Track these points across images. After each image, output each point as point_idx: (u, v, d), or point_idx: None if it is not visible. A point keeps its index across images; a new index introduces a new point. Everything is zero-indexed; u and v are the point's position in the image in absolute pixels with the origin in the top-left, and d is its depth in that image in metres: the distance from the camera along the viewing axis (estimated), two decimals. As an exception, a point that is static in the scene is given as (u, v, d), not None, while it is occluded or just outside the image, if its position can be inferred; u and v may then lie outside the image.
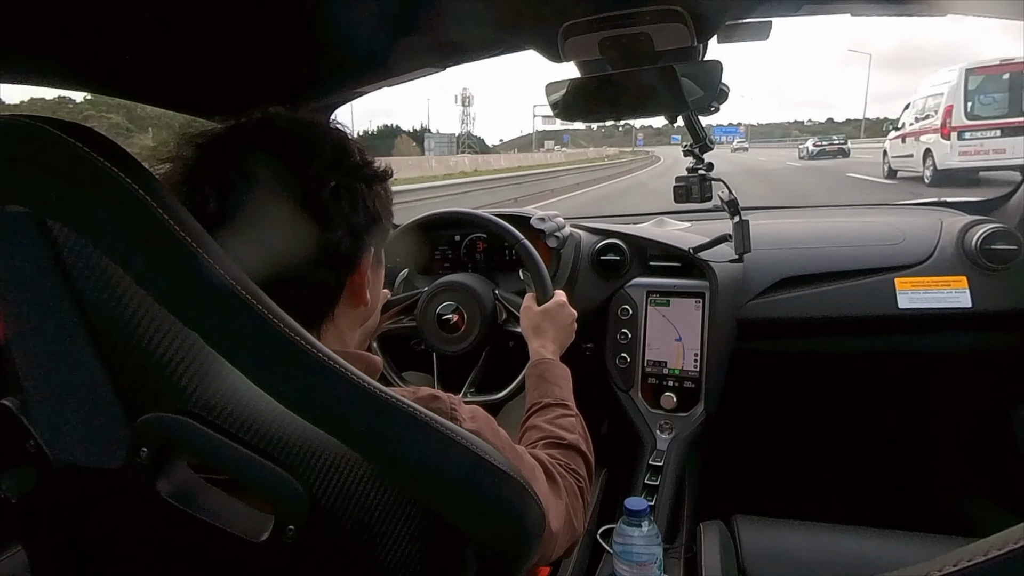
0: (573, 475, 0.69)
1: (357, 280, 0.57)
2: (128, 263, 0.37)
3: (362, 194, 0.56)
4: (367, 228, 0.56)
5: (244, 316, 0.37)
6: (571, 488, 0.66)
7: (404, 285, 1.34)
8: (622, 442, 1.31)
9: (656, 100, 0.99)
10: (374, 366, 0.59)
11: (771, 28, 0.92)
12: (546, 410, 0.81)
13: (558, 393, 0.84)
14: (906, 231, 1.34)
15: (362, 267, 0.57)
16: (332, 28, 0.81)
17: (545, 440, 0.74)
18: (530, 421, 0.79)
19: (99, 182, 0.36)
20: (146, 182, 0.37)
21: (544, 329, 0.98)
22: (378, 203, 0.58)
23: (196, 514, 0.40)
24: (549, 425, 0.77)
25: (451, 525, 0.44)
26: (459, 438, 0.44)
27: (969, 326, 1.25)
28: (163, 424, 0.39)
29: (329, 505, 0.40)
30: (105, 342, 0.38)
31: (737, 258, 1.24)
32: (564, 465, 0.69)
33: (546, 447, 0.73)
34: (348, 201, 0.54)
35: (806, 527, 0.94)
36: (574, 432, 0.77)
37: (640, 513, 0.84)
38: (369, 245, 0.58)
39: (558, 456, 0.71)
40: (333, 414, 0.40)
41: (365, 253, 0.57)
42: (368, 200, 0.56)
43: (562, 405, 0.82)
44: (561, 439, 0.74)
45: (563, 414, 0.80)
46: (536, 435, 0.75)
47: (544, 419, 0.78)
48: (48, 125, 0.36)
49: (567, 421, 0.79)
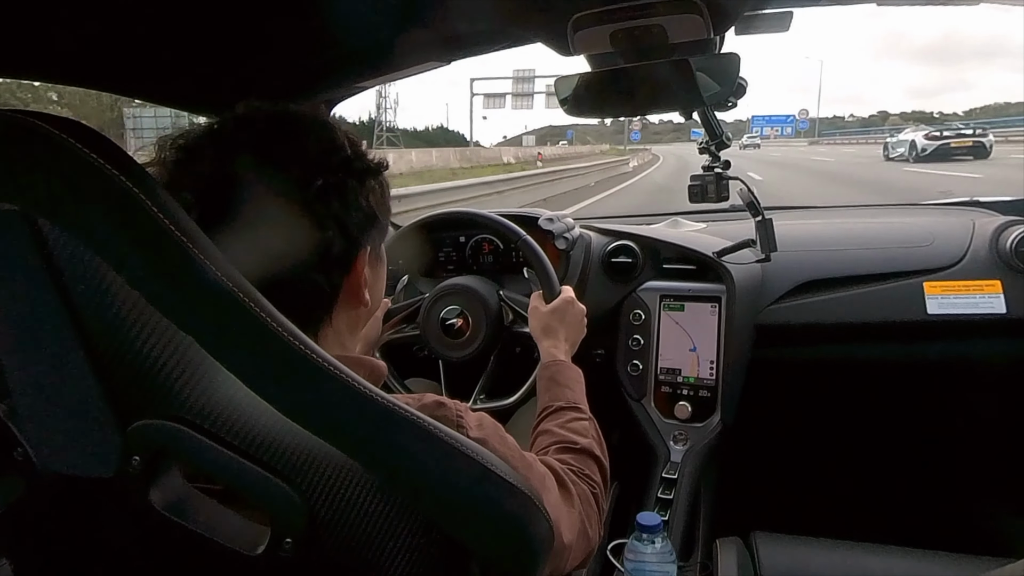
0: (587, 481, 0.69)
1: (353, 281, 0.57)
2: (121, 264, 0.37)
3: (354, 191, 0.55)
4: (361, 226, 0.56)
5: (241, 319, 0.37)
6: (585, 495, 0.66)
7: (406, 291, 1.35)
8: (634, 454, 1.31)
9: (670, 95, 0.99)
10: (377, 371, 0.58)
11: (792, 19, 0.91)
12: (558, 414, 0.81)
13: (570, 396, 0.84)
14: (936, 232, 1.33)
15: (358, 267, 0.57)
16: (335, 20, 0.82)
17: (557, 445, 0.74)
18: (541, 426, 0.80)
19: (92, 179, 0.36)
20: (141, 180, 0.37)
21: (554, 328, 0.98)
22: (372, 198, 0.57)
23: (190, 526, 0.40)
24: (561, 429, 0.77)
25: (455, 539, 0.44)
26: (464, 448, 0.44)
27: (1003, 333, 1.23)
28: (156, 431, 0.39)
29: (328, 517, 0.40)
30: (96, 346, 0.38)
31: (764, 258, 1.23)
32: (577, 471, 0.69)
33: (558, 452, 0.73)
34: (339, 199, 0.53)
35: (829, 545, 0.93)
36: (587, 436, 0.77)
37: (653, 529, 0.83)
38: (364, 243, 0.57)
39: (571, 462, 0.71)
40: (332, 421, 0.40)
41: (360, 252, 0.57)
42: (361, 196, 0.56)
43: (574, 408, 0.82)
44: (574, 444, 0.74)
45: (576, 418, 0.80)
46: (548, 440, 0.76)
47: (556, 423, 0.79)
48: (39, 119, 0.36)
49: (580, 425, 0.79)
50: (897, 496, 1.50)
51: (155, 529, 0.40)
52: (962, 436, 1.49)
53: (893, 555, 0.90)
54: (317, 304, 0.55)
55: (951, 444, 1.51)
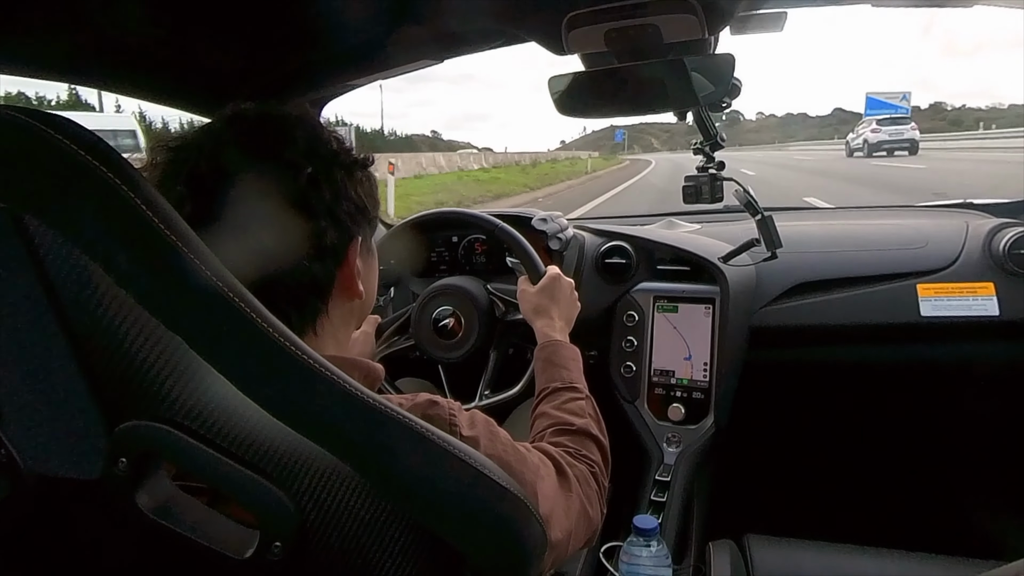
0: (585, 461, 0.70)
1: (347, 271, 0.58)
2: (109, 262, 0.37)
3: (342, 181, 0.57)
4: (351, 216, 0.58)
5: (230, 318, 0.37)
6: (583, 475, 0.67)
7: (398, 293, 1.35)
8: (627, 456, 1.31)
9: (665, 95, 1.00)
10: (373, 374, 0.59)
11: (786, 19, 0.92)
12: (554, 395, 0.81)
13: (566, 376, 0.85)
14: (929, 234, 1.34)
15: (350, 257, 0.58)
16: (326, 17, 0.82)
17: (553, 428, 0.75)
18: (539, 408, 0.81)
19: (79, 176, 0.36)
20: (129, 177, 0.37)
21: (545, 307, 0.99)
22: (361, 190, 0.59)
23: (177, 529, 0.40)
24: (557, 411, 0.78)
25: (447, 543, 0.44)
26: (456, 451, 0.44)
27: (997, 336, 1.25)
28: (143, 433, 0.38)
29: (318, 521, 0.40)
30: (83, 345, 0.38)
31: (771, 255, 1.23)
32: (574, 452, 0.70)
33: (555, 435, 0.74)
34: (329, 189, 0.55)
35: (822, 547, 0.94)
36: (584, 416, 0.78)
37: (650, 532, 0.84)
38: (355, 234, 0.59)
39: (567, 443, 0.72)
40: (322, 423, 0.40)
41: (352, 242, 0.58)
42: (350, 187, 0.57)
43: (571, 388, 0.82)
44: (570, 425, 0.75)
45: (572, 398, 0.81)
46: (544, 423, 0.76)
47: (552, 405, 0.79)
48: (26, 116, 0.36)
49: (576, 405, 0.79)
50: (890, 498, 1.51)
51: (142, 532, 0.40)
52: (956, 438, 1.51)
53: (887, 557, 0.90)
54: (314, 294, 0.56)
55: (944, 446, 1.52)
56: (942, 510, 1.47)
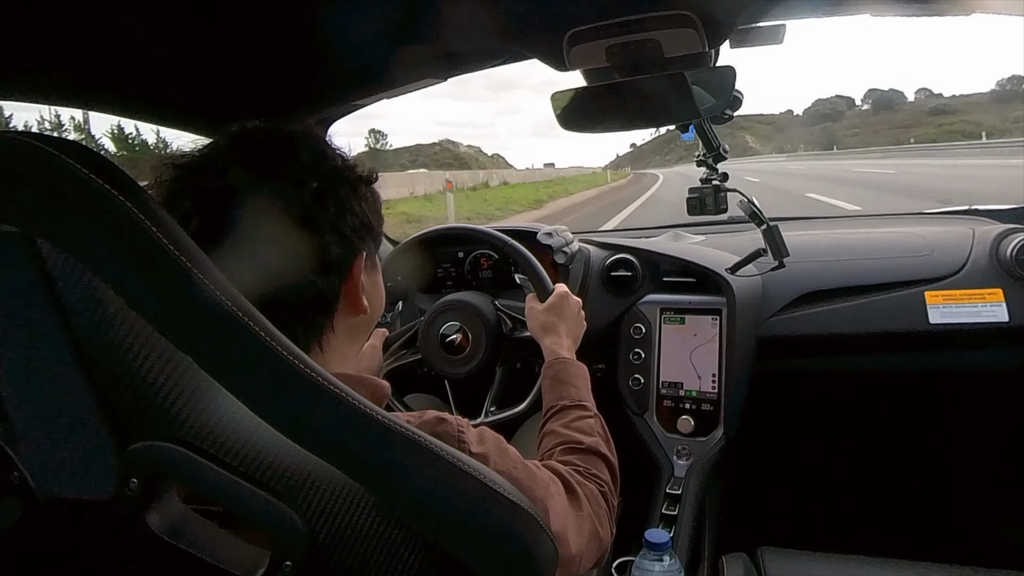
0: (594, 480, 0.69)
1: (351, 286, 0.59)
2: (119, 284, 0.37)
3: (347, 197, 0.57)
4: (356, 232, 0.58)
5: (240, 338, 0.37)
6: (593, 495, 0.66)
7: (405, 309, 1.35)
8: (637, 470, 1.30)
9: (667, 109, 1.00)
10: (380, 391, 0.59)
11: (785, 31, 0.93)
12: (562, 413, 0.81)
13: (574, 394, 0.84)
14: (936, 241, 1.34)
15: (355, 272, 0.59)
16: (330, 38, 0.83)
17: (562, 446, 0.74)
18: (547, 426, 0.80)
19: (90, 200, 0.36)
20: (139, 200, 0.37)
21: (553, 325, 0.98)
22: (365, 206, 0.60)
23: (188, 549, 0.40)
24: (566, 429, 0.77)
25: (459, 562, 0.44)
26: (466, 467, 0.44)
27: (1006, 342, 1.23)
28: (154, 453, 0.38)
29: (329, 540, 0.40)
30: (94, 367, 0.38)
31: (779, 264, 1.23)
32: (583, 471, 0.69)
33: (563, 454, 0.73)
34: (333, 204, 0.56)
35: (836, 559, 0.92)
36: (592, 434, 0.77)
37: (662, 546, 0.83)
38: (360, 249, 0.59)
39: (576, 462, 0.71)
40: (331, 441, 0.39)
41: (357, 257, 0.59)
42: (354, 203, 0.58)
43: (579, 407, 0.82)
44: (579, 443, 0.74)
45: (580, 416, 0.80)
46: (553, 441, 0.76)
47: (561, 423, 0.79)
48: (37, 140, 0.37)
49: (585, 423, 0.79)
50: (903, 508, 1.49)
51: (153, 552, 0.40)
52: (967, 447, 1.49)
53: (902, 568, 0.89)
54: (319, 310, 0.57)
55: (956, 455, 1.50)
56: (955, 519, 1.45)
